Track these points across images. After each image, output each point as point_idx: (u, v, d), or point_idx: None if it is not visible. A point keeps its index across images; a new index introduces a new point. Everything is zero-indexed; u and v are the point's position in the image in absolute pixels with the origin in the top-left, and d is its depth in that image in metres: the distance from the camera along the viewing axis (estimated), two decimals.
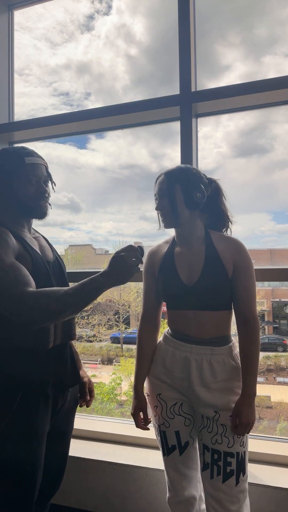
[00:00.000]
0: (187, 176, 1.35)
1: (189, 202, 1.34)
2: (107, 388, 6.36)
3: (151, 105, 2.00)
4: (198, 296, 1.33)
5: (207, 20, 2.04)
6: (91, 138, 10.07)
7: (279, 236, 9.59)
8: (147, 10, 2.63)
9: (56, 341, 1.24)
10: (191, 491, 1.36)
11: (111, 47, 2.81)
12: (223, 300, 1.34)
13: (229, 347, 1.35)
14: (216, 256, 1.32)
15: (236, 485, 1.26)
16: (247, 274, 1.32)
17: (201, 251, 1.35)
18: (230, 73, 2.33)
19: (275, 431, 5.43)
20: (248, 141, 6.58)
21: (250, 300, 1.32)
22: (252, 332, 1.30)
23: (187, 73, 1.93)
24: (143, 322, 1.50)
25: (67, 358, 1.31)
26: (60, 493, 1.91)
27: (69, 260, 9.16)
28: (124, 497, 1.82)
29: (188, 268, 1.36)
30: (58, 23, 2.64)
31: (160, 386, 1.39)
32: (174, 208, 1.34)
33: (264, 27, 2.21)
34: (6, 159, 1.26)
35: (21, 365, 1.18)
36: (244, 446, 1.29)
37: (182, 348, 1.36)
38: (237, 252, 1.33)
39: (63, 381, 1.28)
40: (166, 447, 1.38)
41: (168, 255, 1.42)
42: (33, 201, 1.27)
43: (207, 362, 1.31)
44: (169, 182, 1.36)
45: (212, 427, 1.28)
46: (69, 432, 1.41)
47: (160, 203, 1.38)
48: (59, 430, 1.33)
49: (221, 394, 1.29)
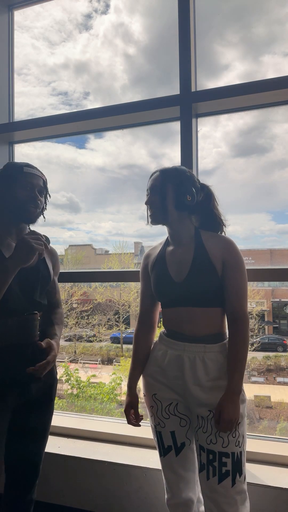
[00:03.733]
0: (180, 178, 1.38)
1: (179, 203, 1.37)
2: (107, 388, 6.36)
3: (151, 105, 2.00)
4: (187, 292, 1.34)
5: (205, 19, 2.03)
6: (90, 138, 10.08)
7: (279, 236, 9.60)
8: (145, 9, 2.62)
9: (9, 341, 1.29)
10: (188, 493, 1.35)
11: (109, 46, 2.81)
12: (213, 296, 1.34)
13: (223, 344, 1.35)
14: (205, 253, 1.34)
15: (233, 486, 1.24)
16: (236, 271, 1.32)
17: (190, 248, 1.37)
18: (229, 73, 2.33)
19: (275, 431, 5.43)
20: (247, 140, 6.59)
21: (240, 297, 1.32)
22: (241, 329, 1.30)
23: (187, 73, 1.93)
24: (139, 323, 1.53)
25: (27, 356, 1.32)
26: (60, 493, 1.92)
27: (69, 260, 9.16)
28: (124, 497, 1.81)
29: (177, 265, 1.38)
30: (56, 22, 2.64)
31: (156, 386, 1.40)
32: (164, 206, 1.37)
33: (262, 26, 2.21)
34: (8, 168, 1.38)
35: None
36: (241, 446, 1.27)
37: (175, 346, 1.36)
38: (226, 249, 1.34)
39: (20, 377, 1.30)
40: (162, 447, 1.39)
41: (161, 255, 1.45)
42: (22, 205, 1.34)
43: (200, 360, 1.31)
44: (162, 179, 1.39)
45: (207, 427, 1.28)
46: (41, 428, 1.42)
47: (151, 198, 1.41)
48: (26, 426, 1.37)
49: (214, 392, 1.28)
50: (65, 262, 9.02)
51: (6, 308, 1.28)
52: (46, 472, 1.63)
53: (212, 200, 1.44)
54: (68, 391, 6.78)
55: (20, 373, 1.29)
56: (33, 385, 1.35)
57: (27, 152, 2.61)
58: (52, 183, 1.51)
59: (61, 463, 1.91)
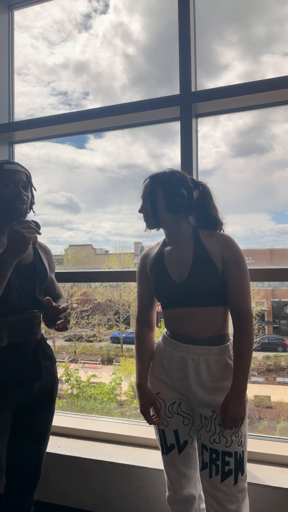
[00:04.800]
0: (169, 181, 1.37)
1: (170, 206, 1.37)
2: (107, 388, 6.37)
3: (151, 105, 1.99)
4: (189, 293, 1.33)
5: (205, 18, 2.03)
6: (89, 138, 10.08)
7: (279, 236, 9.60)
8: (144, 9, 2.62)
9: (10, 339, 1.29)
10: (190, 490, 1.36)
11: (108, 46, 2.81)
12: (215, 295, 1.34)
13: (226, 346, 1.35)
14: (205, 252, 1.33)
15: (235, 485, 1.26)
16: (237, 268, 1.32)
17: (189, 248, 1.37)
18: (228, 73, 2.33)
19: (275, 431, 5.43)
20: (247, 140, 6.59)
21: (243, 294, 1.32)
22: (245, 326, 1.30)
23: (187, 73, 1.93)
24: (138, 323, 1.52)
25: (28, 355, 1.33)
26: (60, 493, 1.92)
27: (69, 260, 9.16)
28: (124, 497, 1.81)
29: (177, 266, 1.37)
30: (56, 22, 2.64)
31: (159, 385, 1.40)
32: (154, 212, 1.39)
33: (262, 26, 2.21)
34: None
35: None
36: (243, 445, 1.29)
37: (179, 348, 1.36)
38: (225, 246, 1.33)
39: (21, 377, 1.30)
40: (165, 445, 1.39)
41: (159, 255, 1.45)
42: (9, 204, 1.33)
43: (204, 362, 1.31)
44: (152, 186, 1.40)
45: (210, 426, 1.29)
46: (42, 429, 1.42)
47: (143, 206, 1.43)
48: (27, 425, 1.37)
49: (218, 394, 1.29)
50: (65, 262, 9.02)
51: (7, 306, 1.28)
52: (46, 472, 1.63)
53: (207, 198, 1.42)
54: (68, 391, 6.78)
55: (22, 373, 1.30)
56: (34, 385, 1.35)
57: (27, 152, 2.61)
58: (51, 183, 1.52)
59: (61, 463, 1.91)
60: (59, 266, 9.14)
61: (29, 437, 1.39)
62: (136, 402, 6.22)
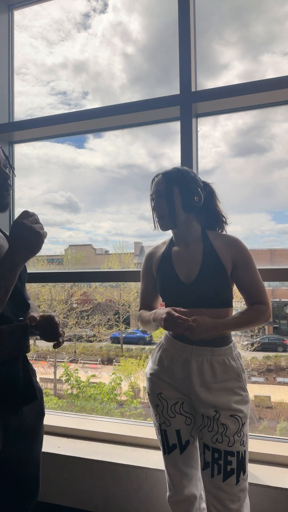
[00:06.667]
0: (185, 179, 1.36)
1: (187, 205, 1.35)
2: (107, 388, 6.37)
3: (151, 105, 1.99)
4: (197, 294, 1.33)
5: (204, 18, 2.03)
6: (89, 138, 10.08)
7: (279, 236, 9.61)
8: (143, 8, 2.62)
9: (3, 356, 1.06)
10: (191, 489, 1.36)
11: (107, 45, 2.81)
12: (221, 297, 1.34)
13: (230, 347, 1.35)
14: (214, 253, 1.33)
15: (237, 484, 1.26)
16: (249, 269, 1.34)
17: (198, 249, 1.36)
18: (228, 72, 2.33)
19: (275, 431, 5.44)
20: (247, 140, 6.59)
21: (260, 293, 1.34)
22: (260, 308, 1.32)
23: (187, 72, 1.93)
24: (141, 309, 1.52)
25: (18, 372, 1.12)
26: (60, 493, 1.92)
27: (69, 260, 9.17)
28: (124, 497, 1.81)
29: (186, 266, 1.37)
30: (55, 22, 2.63)
31: (161, 385, 1.39)
32: (171, 211, 1.36)
33: (261, 26, 2.21)
34: None
35: None
36: (245, 445, 1.29)
37: (183, 349, 1.36)
38: (235, 249, 1.34)
39: (13, 398, 1.09)
40: (166, 446, 1.38)
41: (166, 255, 1.44)
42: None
43: (208, 363, 1.31)
44: (167, 183, 1.36)
45: (213, 426, 1.28)
46: (34, 457, 1.19)
47: (157, 204, 1.39)
48: (18, 455, 1.14)
49: (221, 394, 1.29)
50: (65, 262, 9.03)
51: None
52: (46, 472, 1.62)
53: (214, 198, 1.43)
54: (68, 391, 6.79)
55: (10, 392, 1.09)
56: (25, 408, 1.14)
57: (27, 152, 2.61)
58: (51, 183, 1.50)
59: (61, 463, 1.90)
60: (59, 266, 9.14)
61: (22, 468, 1.16)
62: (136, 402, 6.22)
